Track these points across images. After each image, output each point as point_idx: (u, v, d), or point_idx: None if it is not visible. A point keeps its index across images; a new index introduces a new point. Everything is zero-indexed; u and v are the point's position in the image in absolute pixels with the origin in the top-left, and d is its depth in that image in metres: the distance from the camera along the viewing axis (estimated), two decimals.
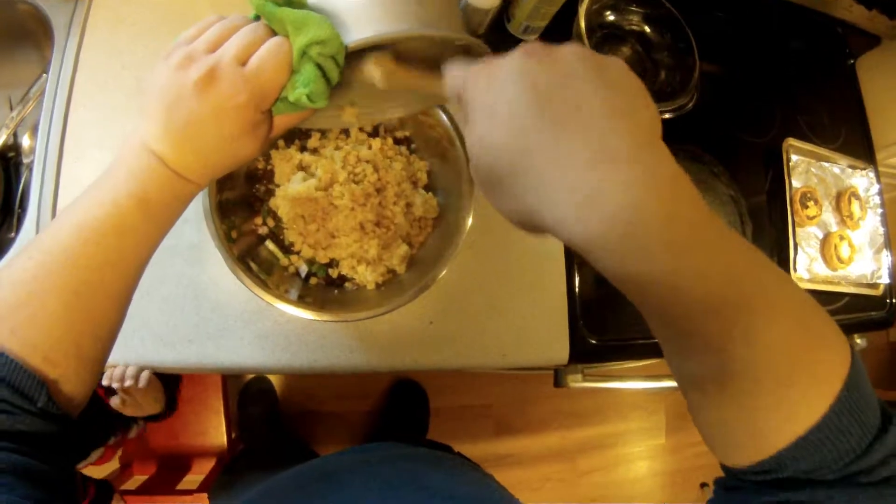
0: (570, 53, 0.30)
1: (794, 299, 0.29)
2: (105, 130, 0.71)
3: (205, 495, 1.17)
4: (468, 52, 0.41)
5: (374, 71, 0.41)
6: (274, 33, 0.37)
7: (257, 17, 0.38)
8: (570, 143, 0.27)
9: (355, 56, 0.39)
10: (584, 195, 0.27)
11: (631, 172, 0.26)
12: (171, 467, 1.27)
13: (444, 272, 0.64)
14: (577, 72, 0.29)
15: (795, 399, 0.28)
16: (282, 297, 0.61)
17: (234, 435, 1.47)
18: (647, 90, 0.30)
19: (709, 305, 0.27)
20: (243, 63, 0.36)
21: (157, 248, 0.42)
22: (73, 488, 0.39)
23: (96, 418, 1.04)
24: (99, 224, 0.36)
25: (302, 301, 0.64)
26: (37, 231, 0.68)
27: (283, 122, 0.41)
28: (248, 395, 1.53)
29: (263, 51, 0.36)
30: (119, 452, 1.18)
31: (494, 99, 0.30)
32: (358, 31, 0.36)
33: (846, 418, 0.28)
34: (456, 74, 0.35)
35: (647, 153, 0.27)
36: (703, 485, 1.97)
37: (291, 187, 0.66)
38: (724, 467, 0.33)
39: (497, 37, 0.84)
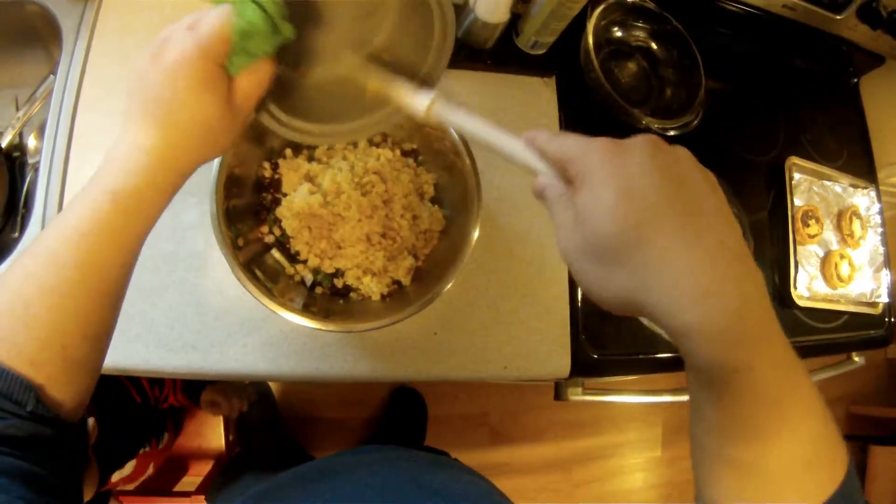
0: (685, 153, 0.33)
1: (816, 394, 0.33)
2: (111, 133, 0.69)
3: (202, 498, 1.17)
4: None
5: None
6: None
7: None
8: (696, 231, 0.30)
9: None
10: (706, 285, 0.29)
11: (744, 271, 0.30)
12: (169, 469, 1.27)
13: (449, 285, 0.64)
14: (693, 171, 0.32)
15: (812, 481, 0.33)
16: (286, 306, 0.61)
17: (231, 437, 1.46)
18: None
19: (777, 397, 0.31)
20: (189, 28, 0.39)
21: (163, 255, 0.42)
22: (75, 492, 0.39)
23: (127, 426, 1.04)
24: (77, 223, 0.37)
25: (307, 310, 0.64)
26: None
27: (244, 83, 0.41)
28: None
29: (205, 11, 0.39)
30: (151, 465, 1.15)
31: (629, 175, 0.31)
32: None
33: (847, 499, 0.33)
34: (550, 146, 0.36)
35: (748, 257, 0.31)
36: None
37: (296, 201, 0.66)
38: None
39: (505, 51, 0.84)
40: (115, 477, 1.01)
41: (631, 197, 0.31)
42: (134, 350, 0.67)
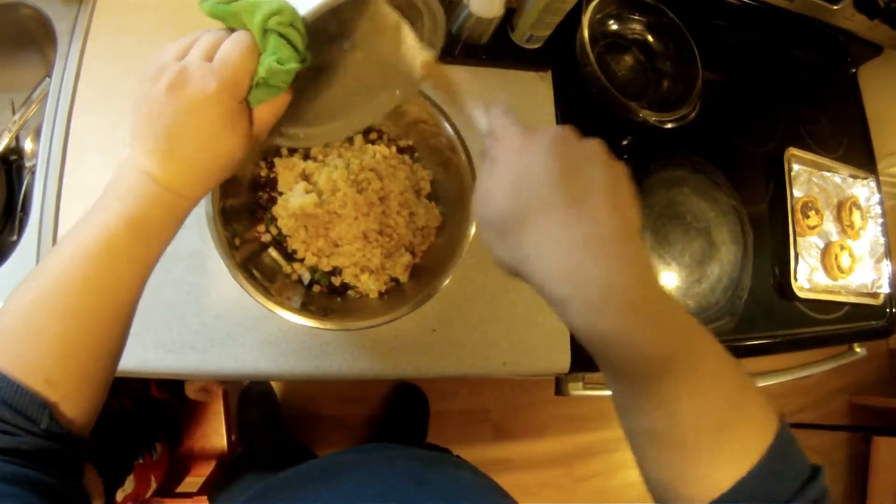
0: (593, 145, 0.37)
1: (730, 362, 0.35)
2: (108, 136, 0.71)
3: (205, 498, 1.17)
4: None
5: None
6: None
7: (232, 30, 0.38)
8: (575, 216, 0.34)
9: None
10: (572, 264, 0.33)
11: (615, 255, 0.33)
12: (171, 470, 1.27)
13: (447, 281, 0.64)
14: (593, 160, 0.36)
15: (735, 447, 0.33)
16: (284, 305, 0.61)
17: (233, 437, 1.46)
18: (636, 196, 0.37)
19: (663, 363, 0.33)
20: (210, 60, 0.37)
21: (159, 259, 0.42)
22: (83, 502, 0.39)
23: (116, 437, 1.04)
24: (92, 247, 0.37)
25: (305, 309, 0.64)
26: (39, 235, 0.68)
27: (264, 113, 0.40)
28: (248, 397, 1.53)
29: (227, 42, 0.37)
30: (152, 478, 1.14)
31: (527, 160, 0.36)
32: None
33: (778, 464, 0.33)
34: (495, 120, 0.41)
35: (628, 243, 0.34)
36: None
37: (291, 201, 0.66)
38: None
39: (500, 46, 0.84)
40: (120, 496, 1.01)
41: (521, 185, 0.35)
42: (131, 351, 0.67)
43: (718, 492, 0.32)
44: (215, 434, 1.33)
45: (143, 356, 0.67)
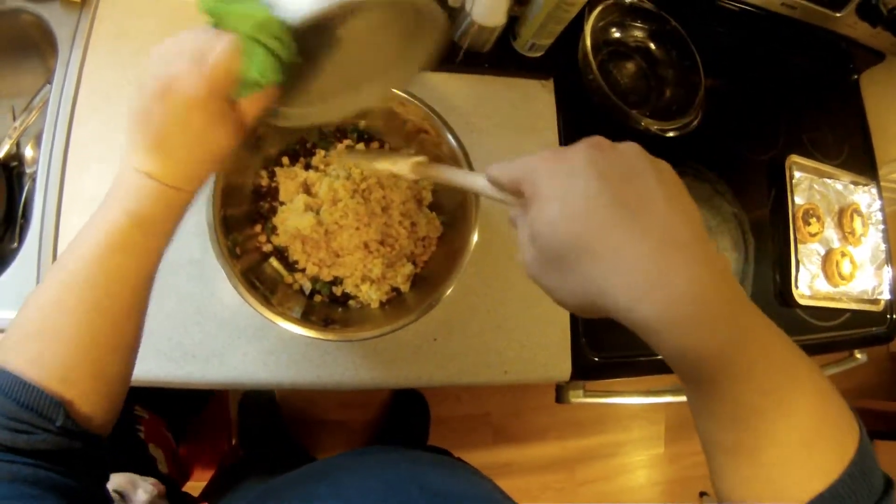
0: (631, 149, 0.34)
1: (815, 372, 0.33)
2: (108, 142, 0.71)
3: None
4: (419, 14, 0.44)
5: None
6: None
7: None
8: (641, 227, 0.31)
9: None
10: (655, 276, 0.30)
11: (694, 258, 0.30)
12: (172, 475, 1.26)
13: (448, 291, 0.64)
14: (638, 166, 0.33)
15: (816, 462, 0.31)
16: (285, 316, 0.61)
17: (234, 442, 1.46)
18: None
19: (751, 376, 0.31)
20: (197, 61, 0.38)
21: (161, 264, 0.44)
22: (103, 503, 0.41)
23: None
24: (101, 245, 0.39)
25: (306, 319, 0.64)
26: (40, 243, 0.68)
27: (252, 105, 0.42)
28: (248, 402, 1.52)
29: (213, 44, 0.38)
30: None
31: (567, 185, 0.32)
32: (299, 9, 0.38)
33: (858, 481, 0.31)
34: (512, 167, 0.37)
35: (703, 243, 0.31)
36: (703, 494, 1.96)
37: (289, 222, 0.66)
38: None
39: (503, 54, 0.84)
40: None
41: (571, 207, 0.32)
42: None
43: None
44: (216, 439, 1.33)
45: (143, 365, 0.67)
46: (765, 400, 0.31)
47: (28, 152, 0.84)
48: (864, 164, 1.11)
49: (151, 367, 0.67)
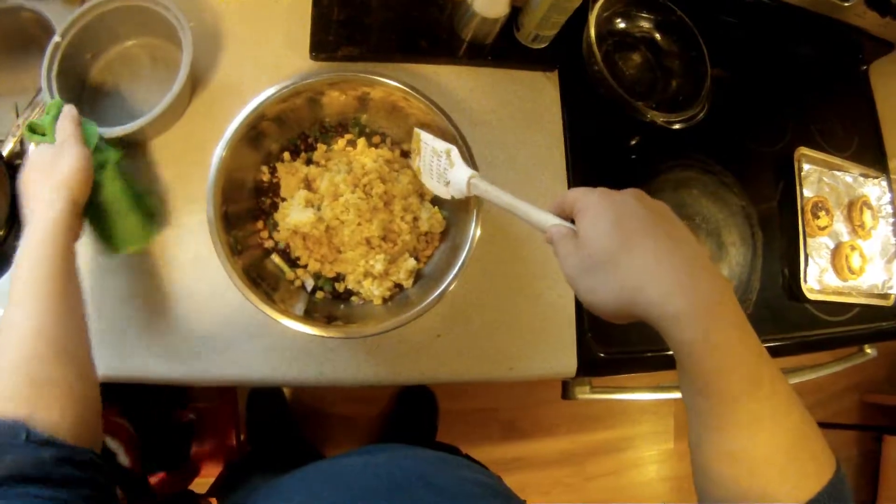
0: (664, 204, 0.44)
1: (796, 396, 0.38)
2: None
3: (213, 500, 1.17)
4: None
5: None
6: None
7: None
8: (675, 245, 0.39)
9: None
10: (686, 280, 0.38)
11: (714, 275, 0.39)
12: (180, 471, 1.27)
13: (451, 287, 0.63)
14: (670, 214, 0.43)
15: (801, 474, 0.36)
16: (287, 313, 0.61)
17: (242, 437, 1.47)
18: None
19: (752, 380, 0.36)
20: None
21: (163, 262, 0.48)
22: None
23: None
24: (29, 252, 0.50)
25: (308, 316, 0.64)
26: None
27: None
28: (256, 397, 1.53)
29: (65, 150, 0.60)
30: None
31: (619, 203, 0.42)
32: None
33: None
34: (566, 194, 0.46)
35: (718, 269, 0.41)
36: None
37: (289, 218, 0.65)
38: None
39: (506, 46, 0.83)
40: None
41: (621, 220, 0.41)
42: (134, 357, 0.67)
43: None
44: (225, 434, 1.33)
45: (146, 363, 0.67)
46: (754, 404, 0.36)
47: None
48: (873, 157, 1.10)
49: (155, 365, 0.67)
